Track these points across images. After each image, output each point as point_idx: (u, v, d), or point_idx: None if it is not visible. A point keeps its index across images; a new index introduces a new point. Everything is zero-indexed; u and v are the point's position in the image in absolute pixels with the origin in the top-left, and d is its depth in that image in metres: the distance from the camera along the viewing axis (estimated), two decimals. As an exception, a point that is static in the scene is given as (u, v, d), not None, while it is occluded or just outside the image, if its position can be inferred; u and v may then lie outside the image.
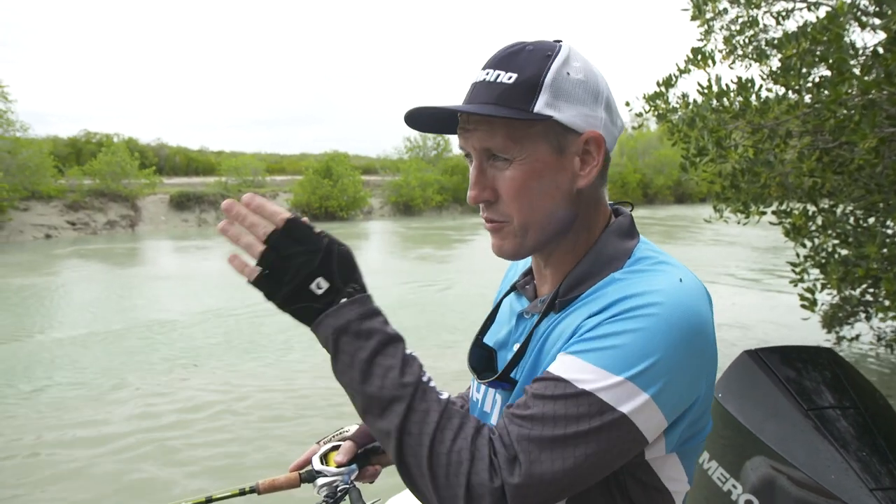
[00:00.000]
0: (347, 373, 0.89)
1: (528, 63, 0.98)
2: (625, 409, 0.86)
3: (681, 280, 0.95)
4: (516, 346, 1.08)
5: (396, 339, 0.91)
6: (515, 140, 0.97)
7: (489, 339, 1.18)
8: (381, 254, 20.95)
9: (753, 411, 1.67)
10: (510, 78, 0.97)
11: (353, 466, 1.28)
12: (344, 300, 0.91)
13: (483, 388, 1.16)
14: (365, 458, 1.30)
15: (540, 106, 0.96)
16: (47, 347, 8.77)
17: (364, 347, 0.88)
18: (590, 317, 0.93)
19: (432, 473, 0.85)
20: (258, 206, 0.92)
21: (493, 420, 1.11)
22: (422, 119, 1.04)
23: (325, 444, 1.33)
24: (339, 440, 1.33)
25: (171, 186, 32.17)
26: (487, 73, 0.99)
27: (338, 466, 1.27)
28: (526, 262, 1.23)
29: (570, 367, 0.89)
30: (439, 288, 13.08)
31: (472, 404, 1.22)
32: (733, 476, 1.66)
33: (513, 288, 1.20)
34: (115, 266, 17.88)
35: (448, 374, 6.46)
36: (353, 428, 1.34)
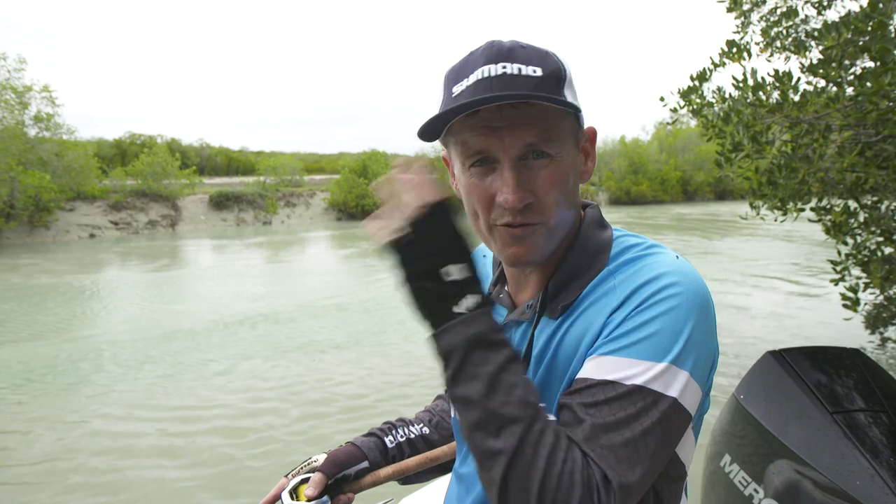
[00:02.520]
0: (469, 384, 0.84)
1: (537, 59, 0.94)
2: (674, 392, 0.86)
3: (677, 257, 0.96)
4: None
5: (518, 358, 0.88)
6: (554, 133, 0.94)
7: None
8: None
9: (777, 413, 1.61)
10: (535, 71, 0.92)
11: (325, 498, 1.22)
12: (471, 302, 0.87)
13: None
14: (336, 487, 1.25)
15: (570, 98, 0.95)
16: (84, 345, 8.98)
17: (492, 360, 0.84)
18: (611, 314, 0.92)
19: (541, 496, 0.79)
20: (425, 179, 0.92)
21: None
22: (438, 127, 0.96)
23: (293, 477, 1.27)
24: (308, 472, 1.27)
25: (211, 186, 32.74)
26: (505, 67, 0.92)
27: (308, 500, 1.21)
28: (487, 273, 1.19)
29: (611, 368, 0.88)
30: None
31: (453, 420, 1.19)
32: (755, 480, 1.59)
33: None
34: (159, 265, 18.23)
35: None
36: (321, 458, 1.28)
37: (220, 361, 7.91)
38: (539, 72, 0.92)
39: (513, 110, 0.92)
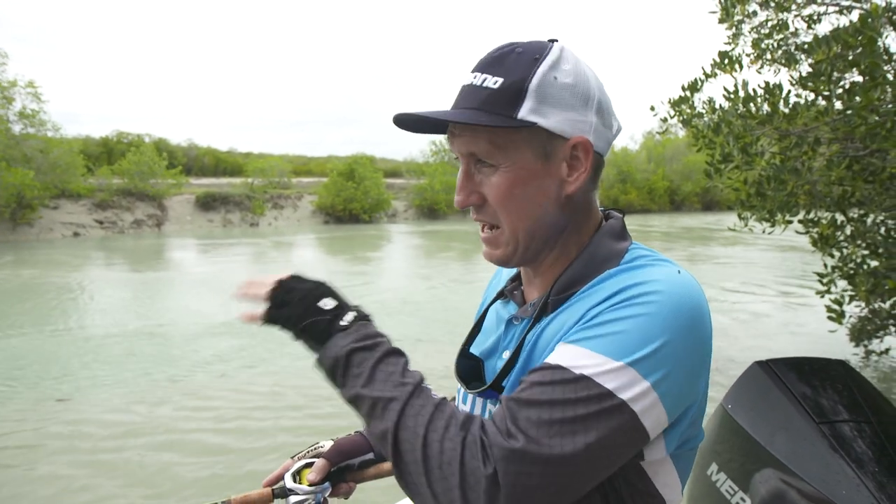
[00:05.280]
0: (353, 381, 0.90)
1: (516, 67, 0.95)
2: (625, 395, 0.82)
3: (679, 272, 0.93)
4: (506, 354, 1.06)
5: (399, 353, 0.94)
6: (499, 146, 0.95)
7: (475, 349, 1.15)
8: (401, 255, 21.03)
9: (763, 423, 1.61)
10: (496, 83, 0.95)
11: (327, 485, 1.24)
12: (351, 316, 0.95)
13: (470, 398, 1.12)
14: (339, 475, 1.26)
15: (524, 112, 0.94)
16: (65, 344, 8.89)
17: (369, 357, 0.91)
18: (590, 308, 0.91)
19: (426, 466, 0.82)
20: (262, 279, 1.02)
21: None
22: (412, 121, 1.02)
23: (299, 459, 1.29)
24: (313, 457, 1.29)
25: (198, 187, 32.56)
26: (475, 77, 0.97)
27: (310, 485, 1.22)
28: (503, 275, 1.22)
29: (568, 355, 0.86)
30: (457, 287, 13.06)
31: None
32: (742, 488, 1.59)
33: (500, 295, 1.17)
34: (141, 266, 18.10)
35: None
36: (327, 444, 1.30)
37: (211, 359, 7.86)
38: (499, 83, 0.94)
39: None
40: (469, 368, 1.13)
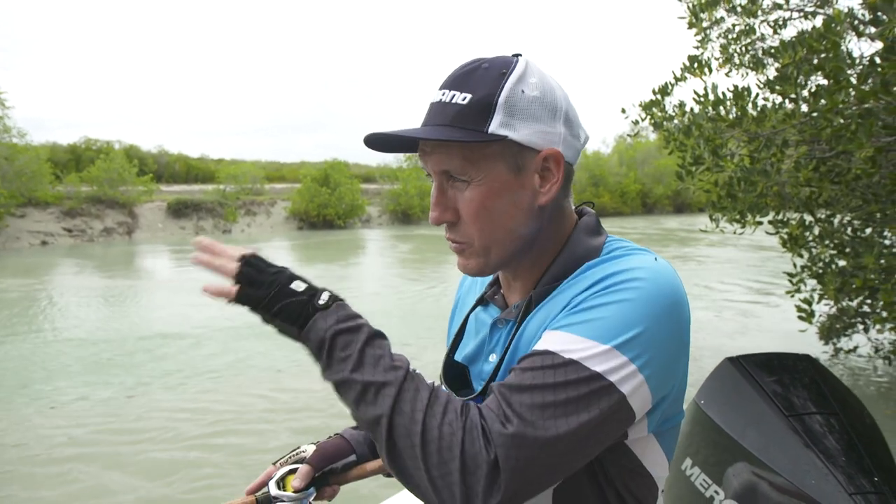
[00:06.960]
0: (339, 366, 0.89)
1: (483, 82, 0.97)
2: (613, 378, 0.85)
3: (656, 259, 0.97)
4: (493, 357, 1.08)
5: (382, 335, 0.94)
6: (472, 161, 0.96)
7: (459, 355, 1.17)
8: (377, 260, 20.98)
9: (735, 417, 1.65)
10: (464, 98, 0.96)
11: (311, 490, 1.24)
12: (326, 296, 0.94)
13: None
14: (322, 479, 1.26)
15: (494, 126, 0.95)
16: (33, 355, 8.75)
17: (356, 340, 0.89)
18: (574, 296, 0.93)
19: (424, 452, 0.83)
20: (222, 248, 0.98)
21: None
22: (382, 140, 1.02)
23: (281, 466, 1.29)
24: (296, 461, 1.29)
25: (169, 194, 32.22)
26: (443, 94, 0.98)
27: (295, 492, 1.23)
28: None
29: (556, 341, 0.89)
30: (434, 294, 13.07)
31: None
32: (715, 482, 1.63)
33: (480, 301, 1.18)
34: (110, 275, 17.85)
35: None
36: (309, 449, 1.30)
37: (182, 371, 7.78)
38: (468, 99, 0.95)
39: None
40: (455, 375, 1.14)
